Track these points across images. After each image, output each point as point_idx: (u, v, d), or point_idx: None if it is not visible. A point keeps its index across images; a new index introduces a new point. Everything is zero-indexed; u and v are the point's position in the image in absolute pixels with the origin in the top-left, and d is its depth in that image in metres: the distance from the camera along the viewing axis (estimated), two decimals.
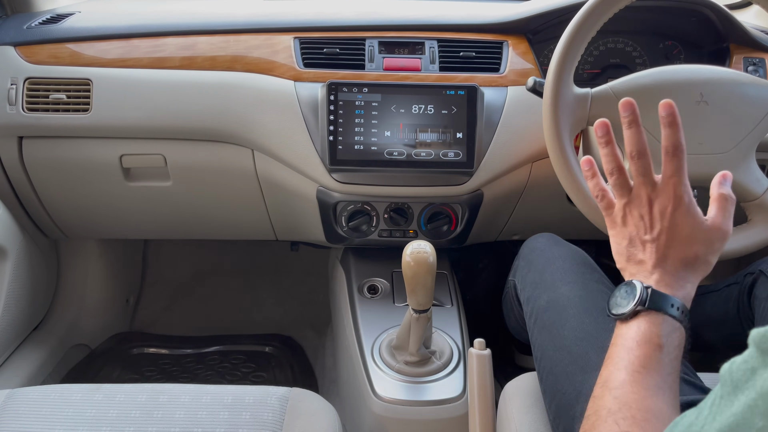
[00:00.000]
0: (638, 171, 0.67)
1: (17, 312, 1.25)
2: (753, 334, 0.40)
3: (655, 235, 0.66)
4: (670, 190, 0.66)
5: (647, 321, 0.62)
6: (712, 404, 0.41)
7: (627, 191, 0.69)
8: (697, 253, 0.66)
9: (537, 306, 0.89)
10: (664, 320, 0.62)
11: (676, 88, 0.91)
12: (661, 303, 0.63)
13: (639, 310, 0.63)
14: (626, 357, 0.61)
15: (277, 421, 0.81)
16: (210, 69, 1.12)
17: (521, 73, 1.14)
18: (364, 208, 1.15)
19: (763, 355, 0.38)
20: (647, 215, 0.67)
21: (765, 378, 0.37)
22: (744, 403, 0.37)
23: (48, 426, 0.79)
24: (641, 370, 0.59)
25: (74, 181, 1.20)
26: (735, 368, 0.40)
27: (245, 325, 1.72)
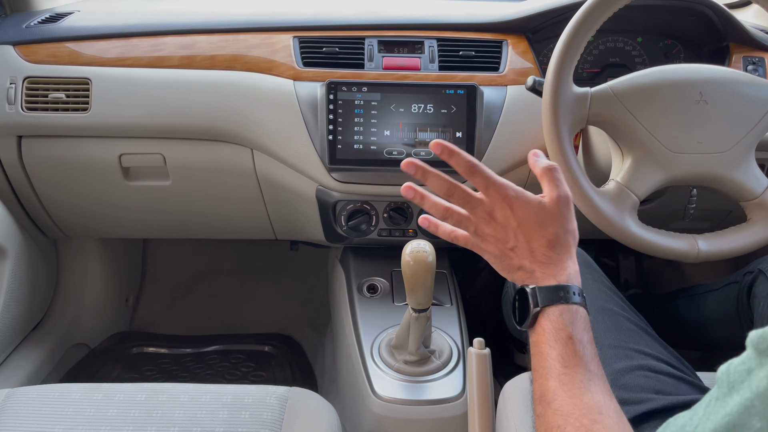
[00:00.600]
0: (460, 203, 0.69)
1: (17, 311, 1.25)
2: (751, 336, 0.40)
3: (513, 238, 0.67)
4: (495, 198, 0.67)
5: (548, 318, 0.63)
6: (707, 405, 0.41)
7: (468, 222, 0.69)
8: (555, 232, 0.66)
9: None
10: (562, 310, 0.63)
11: (676, 87, 0.91)
12: (551, 295, 0.64)
13: (537, 311, 0.64)
14: (547, 363, 0.61)
15: (276, 420, 0.81)
16: (209, 68, 1.12)
17: (521, 72, 1.13)
18: (364, 207, 1.15)
19: (760, 355, 0.38)
20: (496, 228, 0.68)
21: (761, 378, 0.37)
22: (739, 403, 0.37)
23: (47, 425, 0.79)
24: (565, 371, 0.59)
25: (73, 180, 1.20)
26: (732, 369, 0.40)
27: (245, 324, 1.72)
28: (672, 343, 0.85)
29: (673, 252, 0.92)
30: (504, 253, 0.68)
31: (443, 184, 0.69)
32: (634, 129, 0.90)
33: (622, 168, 0.92)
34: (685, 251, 0.92)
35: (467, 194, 0.68)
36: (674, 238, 0.92)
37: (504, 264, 0.69)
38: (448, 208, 0.70)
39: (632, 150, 0.92)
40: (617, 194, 0.90)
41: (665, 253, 0.92)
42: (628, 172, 0.91)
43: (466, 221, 0.69)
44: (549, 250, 0.66)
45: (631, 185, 0.90)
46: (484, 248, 0.70)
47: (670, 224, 1.22)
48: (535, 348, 0.64)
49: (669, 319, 1.20)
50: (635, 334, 0.83)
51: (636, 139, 0.90)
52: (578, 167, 0.90)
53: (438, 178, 0.69)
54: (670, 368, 0.78)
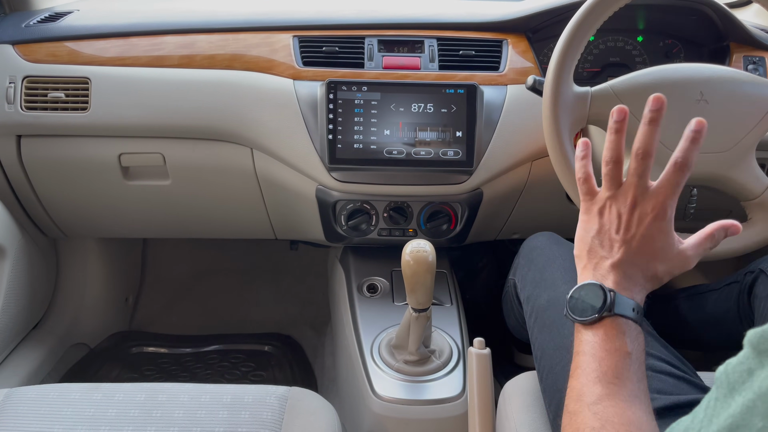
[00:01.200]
0: (637, 171, 0.65)
1: (16, 311, 1.25)
2: (749, 335, 0.40)
3: (628, 237, 0.65)
4: (658, 199, 0.64)
5: (613, 327, 0.61)
6: (707, 407, 0.41)
7: (616, 185, 0.67)
8: (656, 271, 0.65)
9: (537, 305, 0.89)
10: (628, 325, 0.61)
11: (676, 86, 0.90)
12: (625, 307, 0.62)
13: (606, 315, 0.62)
14: (598, 368, 0.60)
15: (276, 420, 0.81)
16: (209, 67, 1.12)
17: (521, 72, 1.13)
18: (364, 207, 1.15)
19: (760, 355, 0.38)
20: (626, 215, 0.65)
21: (762, 378, 0.37)
22: (742, 404, 0.37)
23: (47, 425, 0.79)
24: (615, 381, 0.58)
25: (73, 179, 1.20)
26: (731, 370, 0.40)
27: (244, 324, 1.72)
28: (672, 343, 0.85)
29: None
30: (604, 235, 0.66)
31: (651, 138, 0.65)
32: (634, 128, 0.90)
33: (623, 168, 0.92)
34: None
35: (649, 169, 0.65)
36: None
37: (592, 240, 0.67)
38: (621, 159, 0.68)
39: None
40: None
41: None
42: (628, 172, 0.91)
43: (616, 183, 0.67)
44: (639, 274, 0.65)
45: None
46: (596, 214, 0.68)
47: None
48: (587, 347, 0.62)
49: (669, 319, 1.20)
50: None
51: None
52: None
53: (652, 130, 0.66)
54: (671, 368, 0.78)
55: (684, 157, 0.64)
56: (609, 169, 0.68)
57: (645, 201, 0.65)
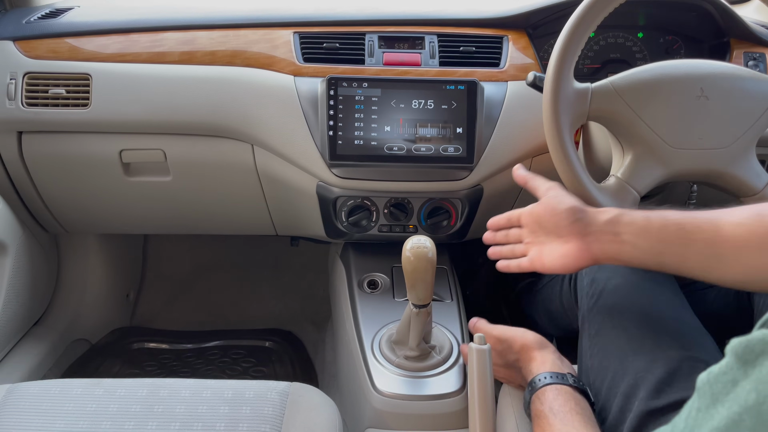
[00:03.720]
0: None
1: (17, 307, 1.25)
2: (733, 344, 0.39)
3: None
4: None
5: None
6: (687, 417, 0.40)
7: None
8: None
9: (604, 287, 0.90)
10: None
11: (677, 82, 0.90)
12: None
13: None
14: None
15: (277, 415, 0.81)
16: (210, 64, 1.12)
17: (521, 68, 1.13)
18: (364, 203, 1.15)
19: (745, 365, 0.37)
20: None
21: (748, 390, 0.36)
22: (727, 417, 0.37)
23: (49, 421, 0.79)
24: None
25: (74, 176, 1.20)
26: (713, 379, 0.39)
27: (245, 320, 1.72)
28: None
29: None
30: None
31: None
32: (634, 125, 0.90)
33: (623, 164, 0.92)
34: None
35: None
36: None
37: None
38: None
39: (633, 146, 0.91)
40: (618, 190, 0.90)
41: None
42: (629, 168, 0.91)
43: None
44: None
45: (632, 181, 0.90)
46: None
47: None
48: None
49: None
50: (696, 332, 0.84)
51: (636, 134, 0.90)
52: (579, 163, 0.90)
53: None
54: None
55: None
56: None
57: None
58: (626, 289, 0.87)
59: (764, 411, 0.35)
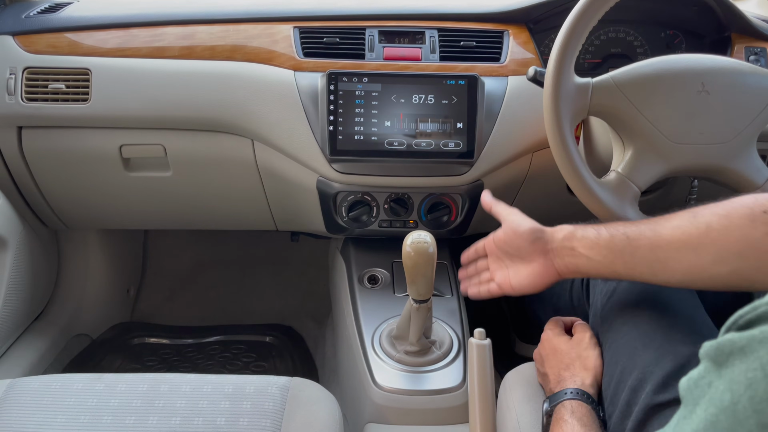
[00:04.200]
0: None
1: (18, 302, 1.26)
2: (705, 348, 0.39)
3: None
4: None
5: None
6: (675, 426, 0.41)
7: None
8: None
9: (618, 284, 0.91)
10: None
11: (677, 77, 0.90)
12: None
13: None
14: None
15: (278, 410, 0.81)
16: (209, 58, 1.11)
17: (522, 63, 1.13)
18: (365, 198, 1.15)
19: (719, 367, 0.38)
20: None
21: (722, 391, 0.36)
22: (704, 418, 0.37)
23: (50, 415, 0.80)
24: None
25: (74, 171, 1.20)
26: (693, 385, 0.40)
27: (245, 315, 1.73)
28: None
29: None
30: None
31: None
32: (635, 119, 0.90)
33: (623, 159, 0.92)
34: None
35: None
36: None
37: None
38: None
39: (633, 141, 0.91)
40: (618, 185, 0.90)
41: None
42: (629, 163, 0.91)
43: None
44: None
45: (632, 176, 0.90)
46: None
47: None
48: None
49: None
50: (708, 329, 0.84)
51: (637, 129, 0.90)
52: (579, 158, 0.89)
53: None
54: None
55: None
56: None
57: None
58: (640, 286, 0.87)
59: (739, 410, 0.35)
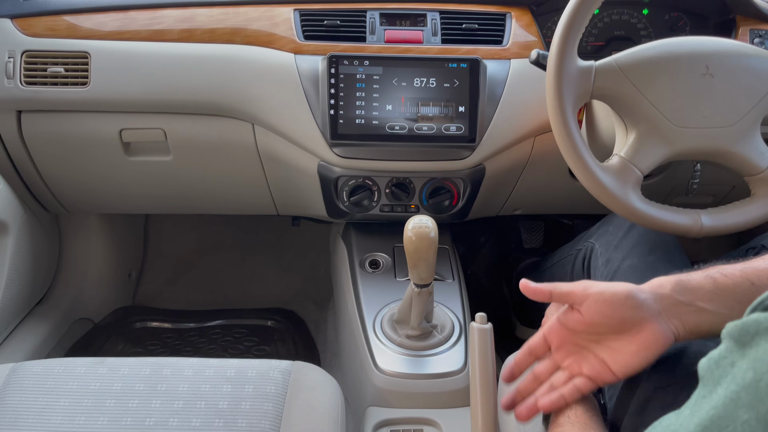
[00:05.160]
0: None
1: (20, 286, 1.26)
2: (729, 328, 0.39)
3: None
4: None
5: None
6: (694, 404, 0.41)
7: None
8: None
9: (619, 267, 0.90)
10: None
11: (682, 60, 0.89)
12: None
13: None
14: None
15: (279, 394, 0.82)
16: (209, 42, 1.10)
17: (524, 46, 1.12)
18: (366, 182, 1.14)
19: (743, 347, 0.38)
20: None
21: (745, 369, 0.36)
22: (725, 396, 0.37)
23: (53, 399, 0.80)
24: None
25: (74, 155, 1.19)
26: (714, 365, 0.40)
27: (247, 299, 1.73)
28: None
29: (676, 227, 0.91)
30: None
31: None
32: (638, 103, 0.89)
33: (626, 143, 0.92)
34: (688, 226, 0.91)
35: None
36: (677, 213, 0.92)
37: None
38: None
39: (636, 124, 0.91)
40: (621, 169, 0.90)
41: (668, 228, 0.91)
42: (632, 147, 0.90)
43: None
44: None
45: (635, 160, 0.90)
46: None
47: (673, 199, 1.21)
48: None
49: None
50: None
51: (640, 113, 0.90)
52: (582, 142, 0.89)
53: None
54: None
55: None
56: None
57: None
58: (641, 269, 0.87)
59: (761, 388, 0.35)
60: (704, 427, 0.37)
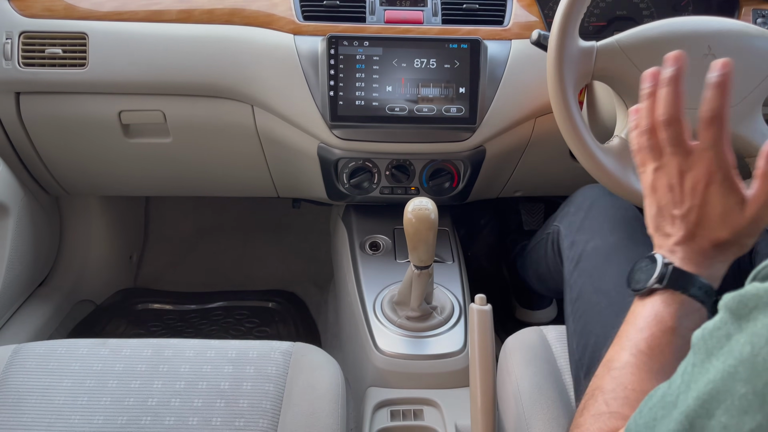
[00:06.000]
0: (668, 141, 0.60)
1: (21, 267, 1.26)
2: (726, 299, 0.39)
3: (684, 211, 0.60)
4: (704, 165, 0.59)
5: (663, 300, 0.59)
6: (683, 373, 0.41)
7: (658, 155, 0.62)
8: (729, 239, 0.59)
9: (583, 250, 0.89)
10: (683, 301, 0.58)
11: (684, 40, 0.89)
12: (681, 282, 0.59)
13: (656, 287, 0.59)
14: (634, 337, 0.58)
15: (280, 374, 0.82)
16: (208, 22, 1.10)
17: (525, 26, 1.11)
18: (366, 164, 1.14)
19: (739, 320, 0.38)
20: (677, 188, 0.61)
21: (743, 343, 0.37)
22: (722, 369, 0.37)
23: (56, 380, 0.81)
24: (647, 352, 0.56)
25: (73, 137, 1.19)
26: (707, 335, 0.40)
27: (248, 281, 1.74)
28: None
29: None
30: (664, 212, 0.63)
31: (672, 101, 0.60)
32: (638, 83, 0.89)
33: (627, 124, 0.91)
34: None
35: (683, 134, 0.60)
36: None
37: (655, 219, 0.64)
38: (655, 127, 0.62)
39: None
40: (621, 150, 0.89)
41: None
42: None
43: (658, 153, 0.62)
44: (709, 246, 0.60)
45: None
46: (650, 190, 0.64)
47: None
48: (632, 317, 0.61)
49: None
50: None
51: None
52: (582, 123, 0.89)
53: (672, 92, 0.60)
54: None
55: (710, 108, 0.57)
56: (645, 140, 0.63)
57: (691, 167, 0.60)
58: (605, 251, 0.86)
59: (759, 362, 0.35)
60: (703, 400, 0.37)
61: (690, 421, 0.38)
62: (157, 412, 0.77)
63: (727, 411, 0.36)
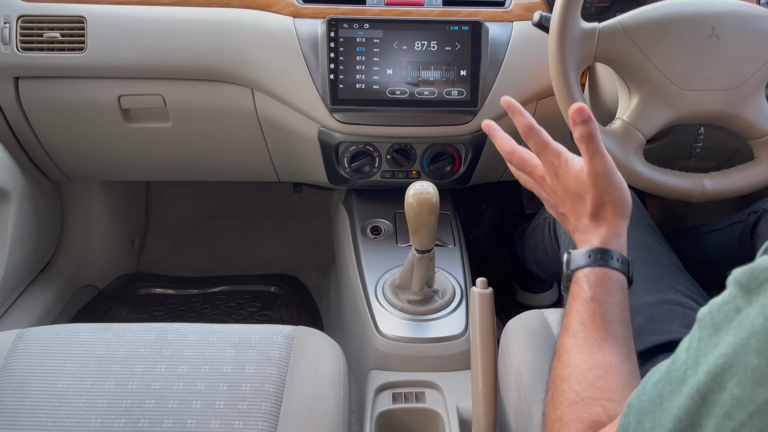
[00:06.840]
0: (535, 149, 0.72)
1: (23, 253, 1.27)
2: (736, 273, 0.39)
3: (561, 205, 0.71)
4: (545, 164, 0.71)
5: (576, 282, 0.66)
6: (688, 348, 0.41)
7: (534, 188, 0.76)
8: (593, 204, 0.67)
9: None
10: (588, 272, 0.65)
11: (687, 21, 0.88)
12: (580, 260, 0.66)
13: (569, 274, 0.67)
14: (567, 321, 0.64)
15: (283, 358, 0.83)
16: (206, 5, 1.09)
17: (527, 8, 1.10)
18: (367, 148, 1.14)
19: (749, 294, 0.38)
20: (549, 193, 0.73)
21: (754, 316, 0.36)
22: (732, 342, 0.37)
23: (59, 364, 0.81)
24: (580, 329, 0.62)
25: (73, 122, 1.19)
26: (715, 310, 0.39)
27: (250, 266, 1.74)
28: None
29: (678, 191, 0.91)
30: (557, 215, 0.74)
31: (524, 124, 0.72)
32: (642, 65, 0.88)
33: (629, 106, 0.91)
34: (690, 190, 0.91)
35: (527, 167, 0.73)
36: (679, 177, 0.91)
37: (564, 226, 0.74)
38: (514, 150, 0.75)
39: (640, 87, 0.90)
40: (623, 133, 0.89)
41: (670, 192, 0.91)
42: (635, 111, 0.90)
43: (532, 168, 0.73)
44: (588, 220, 0.68)
45: (638, 124, 0.89)
46: (545, 203, 0.76)
47: (676, 163, 1.20)
48: (565, 309, 0.67)
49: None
50: (670, 271, 0.85)
51: (644, 76, 0.88)
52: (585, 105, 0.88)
53: (522, 116, 0.72)
54: (695, 304, 0.79)
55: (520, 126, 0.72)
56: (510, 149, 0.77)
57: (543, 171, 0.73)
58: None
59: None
60: (714, 374, 0.37)
61: (702, 395, 0.38)
62: (161, 395, 0.78)
63: (739, 383, 0.36)
